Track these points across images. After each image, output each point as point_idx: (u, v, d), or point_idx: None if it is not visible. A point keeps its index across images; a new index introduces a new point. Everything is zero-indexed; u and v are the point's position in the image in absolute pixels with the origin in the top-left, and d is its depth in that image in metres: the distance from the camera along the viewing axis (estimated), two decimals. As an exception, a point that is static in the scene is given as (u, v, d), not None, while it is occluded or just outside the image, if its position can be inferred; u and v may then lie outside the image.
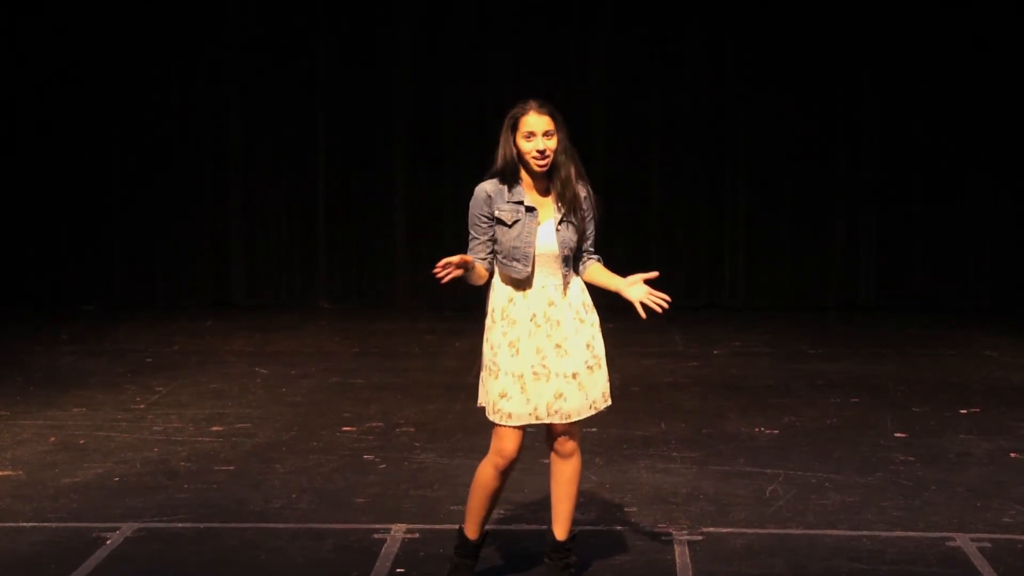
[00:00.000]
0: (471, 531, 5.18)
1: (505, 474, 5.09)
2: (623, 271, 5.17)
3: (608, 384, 5.12)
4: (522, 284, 5.04)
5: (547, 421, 5.02)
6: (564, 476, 5.15)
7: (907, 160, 12.69)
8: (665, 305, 4.98)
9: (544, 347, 5.01)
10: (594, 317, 5.11)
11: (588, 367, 5.05)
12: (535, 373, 4.99)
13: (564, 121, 5.04)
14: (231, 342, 10.96)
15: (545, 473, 6.57)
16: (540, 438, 7.53)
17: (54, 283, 12.75)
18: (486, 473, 5.10)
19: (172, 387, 9.08)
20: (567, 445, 5.11)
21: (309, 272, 12.97)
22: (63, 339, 11.06)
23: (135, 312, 12.33)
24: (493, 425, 5.07)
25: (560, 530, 5.18)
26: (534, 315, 5.02)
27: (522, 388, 4.99)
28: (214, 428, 7.89)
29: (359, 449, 7.41)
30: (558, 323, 5.02)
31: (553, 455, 5.16)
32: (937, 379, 9.41)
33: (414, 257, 12.78)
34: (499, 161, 5.03)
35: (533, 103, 5.01)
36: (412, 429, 7.88)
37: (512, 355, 5.01)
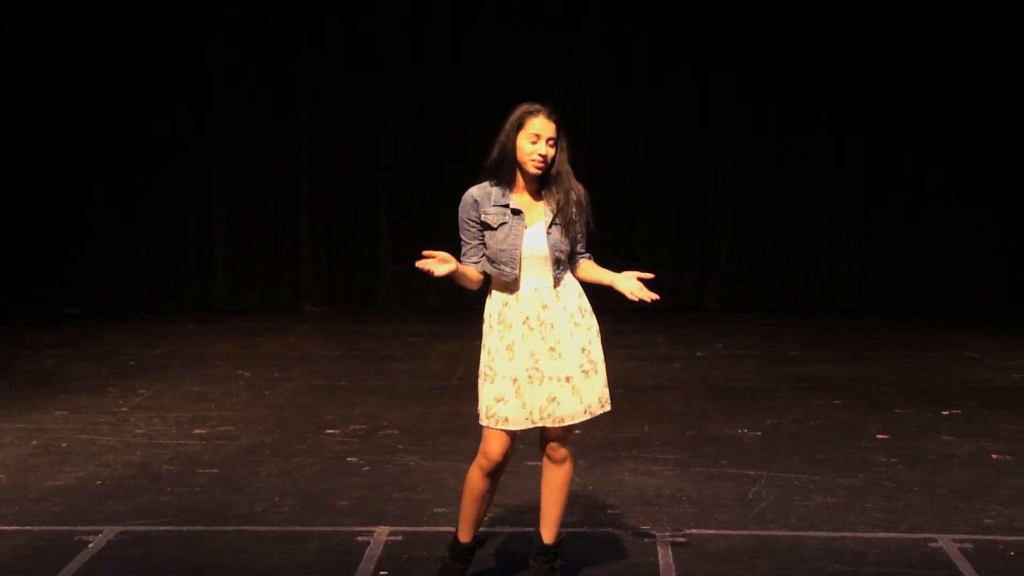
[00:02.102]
0: (461, 533, 5.18)
1: (491, 476, 5.08)
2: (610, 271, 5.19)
3: (607, 390, 5.11)
4: (513, 287, 5.04)
5: (540, 424, 5.01)
6: (555, 481, 5.15)
7: (890, 162, 12.73)
8: (655, 297, 5.01)
9: (538, 350, 5.00)
10: (592, 322, 5.11)
11: (583, 371, 5.04)
12: (529, 377, 4.99)
13: (567, 135, 5.06)
14: (214, 345, 10.95)
15: (530, 475, 6.58)
16: (529, 440, 7.52)
17: (38, 286, 12.72)
18: (472, 475, 5.10)
19: (155, 390, 9.07)
20: (560, 451, 5.10)
21: (293, 275, 12.97)
22: (46, 342, 11.03)
23: (119, 315, 12.32)
24: (482, 429, 5.06)
25: (548, 533, 5.18)
26: (527, 318, 5.01)
27: (517, 392, 4.99)
28: (197, 431, 7.88)
29: (343, 452, 7.40)
30: (552, 326, 5.01)
31: (545, 459, 5.15)
32: (920, 381, 9.44)
33: (398, 260, 12.78)
34: (495, 154, 5.02)
35: (544, 108, 5.04)
36: (396, 431, 7.88)
37: (509, 359, 5.00)
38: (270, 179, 12.93)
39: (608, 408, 5.12)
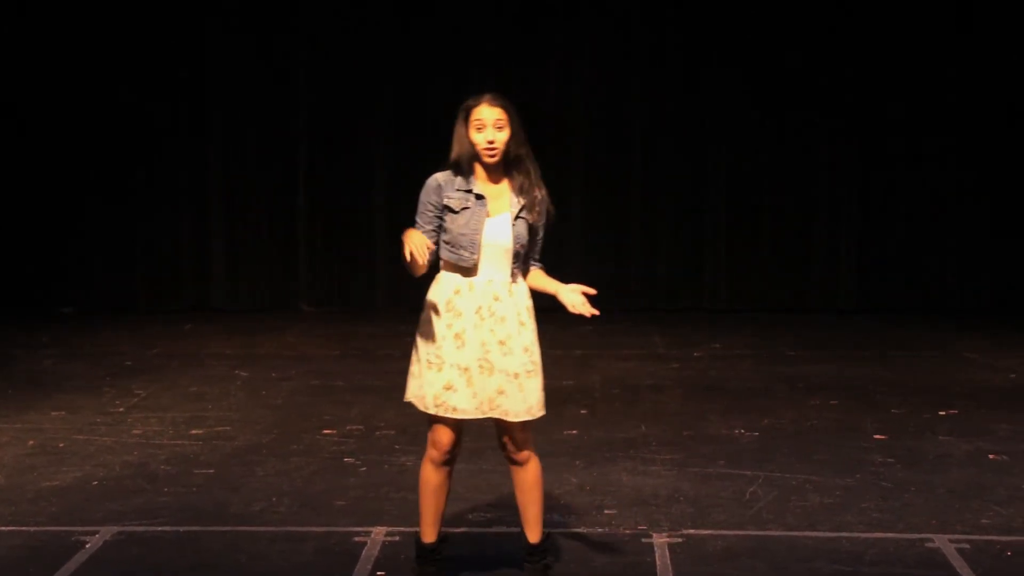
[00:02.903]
0: (424, 534, 5.19)
1: (444, 467, 5.09)
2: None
3: (543, 394, 5.07)
4: (468, 274, 5.02)
5: (489, 415, 4.99)
6: (526, 483, 5.13)
7: (887, 162, 12.73)
8: (595, 312, 4.98)
9: (488, 341, 4.98)
10: (534, 324, 5.08)
11: (527, 372, 5.01)
12: (480, 367, 4.97)
13: (519, 117, 5.02)
14: (211, 345, 10.94)
15: (525, 475, 6.57)
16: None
17: (34, 286, 12.72)
18: (425, 470, 5.12)
19: (152, 390, 9.07)
20: (522, 452, 5.08)
21: (290, 276, 12.96)
22: (43, 342, 11.02)
23: (115, 315, 12.32)
24: (429, 419, 5.03)
25: (532, 534, 5.17)
26: (479, 307, 4.99)
27: (468, 381, 4.97)
28: (194, 431, 7.88)
29: (340, 452, 7.40)
30: (502, 319, 5.00)
31: (510, 463, 5.13)
32: (917, 381, 9.44)
33: (395, 260, 12.75)
34: (453, 152, 5.04)
35: (487, 95, 5.01)
36: (392, 432, 7.87)
37: (458, 347, 4.99)
38: (268, 179, 12.93)
39: (544, 413, 5.08)
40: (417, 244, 4.83)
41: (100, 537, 5.86)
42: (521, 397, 4.99)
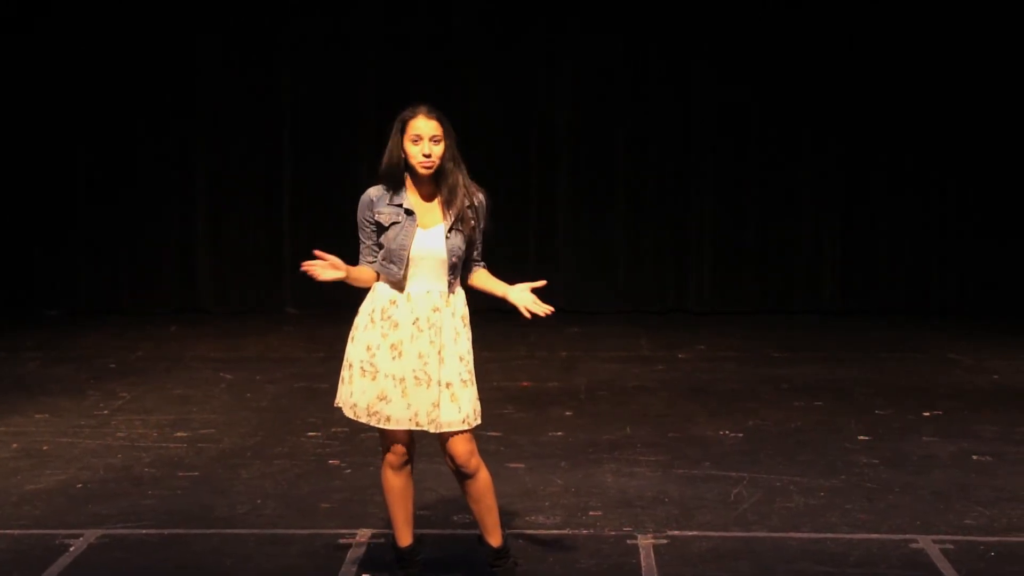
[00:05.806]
0: (399, 538, 5.21)
1: (403, 469, 5.12)
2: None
3: (479, 403, 5.07)
4: (403, 286, 5.05)
5: (425, 428, 4.99)
6: (478, 491, 5.11)
7: (871, 164, 12.75)
8: (549, 311, 4.98)
9: (427, 352, 4.99)
10: (469, 333, 5.09)
11: (462, 380, 5.01)
12: (416, 378, 4.98)
13: (453, 130, 5.04)
14: (196, 348, 10.92)
15: (507, 477, 6.59)
16: (507, 443, 7.52)
17: (19, 288, 12.68)
18: (387, 475, 5.15)
19: (136, 393, 9.04)
20: (470, 463, 5.05)
21: (275, 278, 12.94)
22: (27, 345, 10.99)
23: (100, 318, 12.28)
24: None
25: (494, 539, 5.17)
26: (417, 319, 5.01)
27: (403, 392, 4.98)
28: (178, 434, 7.86)
29: (325, 454, 7.39)
30: (440, 329, 5.00)
31: (460, 477, 5.10)
32: (901, 382, 9.46)
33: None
34: (384, 162, 5.05)
35: (423, 107, 5.04)
36: (377, 434, 7.83)
37: (394, 357, 5.00)
38: (253, 181, 12.90)
39: (479, 422, 5.06)
40: (329, 258, 5.03)
41: (84, 540, 5.85)
42: (455, 407, 4.99)
